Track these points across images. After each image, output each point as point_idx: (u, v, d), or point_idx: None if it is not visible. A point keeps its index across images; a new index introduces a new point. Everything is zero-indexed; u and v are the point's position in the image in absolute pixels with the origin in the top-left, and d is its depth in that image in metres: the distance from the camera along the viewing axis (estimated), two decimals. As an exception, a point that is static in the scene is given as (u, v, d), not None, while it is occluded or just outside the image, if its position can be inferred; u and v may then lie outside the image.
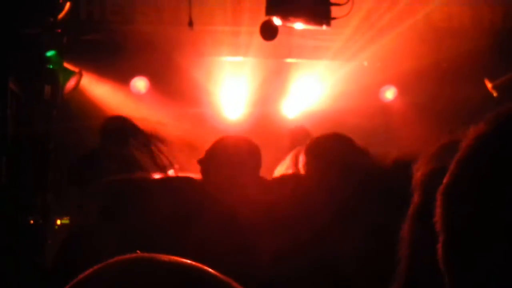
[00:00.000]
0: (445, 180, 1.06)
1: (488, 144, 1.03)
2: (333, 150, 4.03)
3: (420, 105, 10.50)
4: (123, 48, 9.73)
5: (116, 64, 9.83)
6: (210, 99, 10.64)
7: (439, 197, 1.07)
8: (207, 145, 4.24)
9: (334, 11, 6.80)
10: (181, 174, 5.56)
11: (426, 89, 10.30)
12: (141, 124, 6.58)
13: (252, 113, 10.74)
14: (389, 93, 11.05)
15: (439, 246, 1.05)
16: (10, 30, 6.91)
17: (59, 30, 7.51)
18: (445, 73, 10.01)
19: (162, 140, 6.52)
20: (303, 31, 7.95)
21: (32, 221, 7.49)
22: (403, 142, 10.20)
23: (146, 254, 1.02)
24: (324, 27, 6.73)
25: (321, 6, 6.62)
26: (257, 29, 7.02)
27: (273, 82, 10.68)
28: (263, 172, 8.20)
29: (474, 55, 9.51)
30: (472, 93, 9.80)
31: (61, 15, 7.06)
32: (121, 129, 6.38)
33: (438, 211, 1.07)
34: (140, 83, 10.54)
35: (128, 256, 1.02)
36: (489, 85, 10.40)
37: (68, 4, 7.04)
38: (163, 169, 6.86)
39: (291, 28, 7.20)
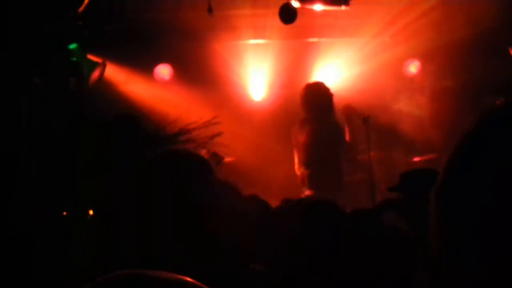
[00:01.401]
0: (438, 180, 1.09)
1: (472, 142, 1.05)
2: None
3: (445, 78, 10.46)
4: (145, 37, 9.78)
5: (138, 53, 9.89)
6: (234, 82, 10.67)
7: (432, 196, 1.10)
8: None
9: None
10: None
11: (450, 63, 10.23)
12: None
13: (277, 94, 10.76)
14: (413, 67, 11.01)
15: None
16: (31, 24, 6.97)
17: (80, 23, 7.55)
18: (469, 46, 9.94)
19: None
20: (323, 10, 7.95)
21: (65, 213, 7.58)
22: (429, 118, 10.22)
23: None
24: (343, 7, 6.73)
25: (339, -14, 6.61)
26: (276, 11, 7.02)
27: (296, 62, 10.67)
28: (286, 152, 8.25)
29: (498, 29, 9.44)
30: (498, 66, 9.74)
31: (81, 8, 7.10)
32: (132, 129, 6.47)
33: (432, 209, 1.09)
34: (163, 70, 10.61)
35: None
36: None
37: (87, -3, 7.09)
38: None
39: (311, 9, 7.20)
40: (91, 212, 8.69)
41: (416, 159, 10.05)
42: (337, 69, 10.81)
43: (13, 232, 6.61)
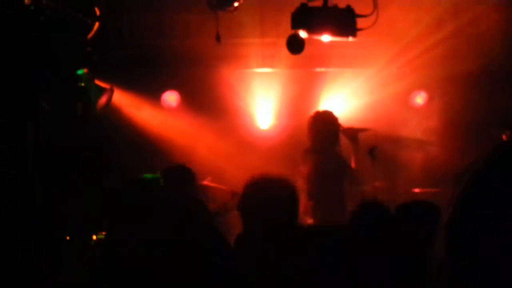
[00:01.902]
0: (448, 215, 1.10)
1: (482, 180, 1.06)
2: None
3: (451, 110, 10.46)
4: (153, 63, 9.84)
5: (146, 79, 9.94)
6: (241, 110, 10.70)
7: (444, 230, 1.11)
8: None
9: (360, 21, 6.82)
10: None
11: (456, 95, 10.25)
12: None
13: (283, 123, 10.78)
14: (419, 98, 11.01)
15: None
16: (40, 49, 7.01)
17: (89, 48, 7.60)
18: (473, 77, 9.95)
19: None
20: (331, 41, 7.98)
21: (68, 237, 7.59)
22: (435, 148, 10.22)
23: None
24: (350, 38, 6.75)
25: (347, 18, 6.64)
26: (284, 40, 7.05)
27: (303, 92, 10.70)
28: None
29: (502, 60, 9.46)
30: (503, 101, 9.75)
31: (90, 35, 7.15)
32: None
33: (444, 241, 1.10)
34: (171, 97, 10.64)
35: None
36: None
37: (97, 24, 7.13)
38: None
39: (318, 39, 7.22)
40: (94, 237, 8.70)
41: (416, 190, 10.03)
42: (344, 99, 10.83)
43: (15, 252, 6.63)
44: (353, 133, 8.59)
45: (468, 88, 9.95)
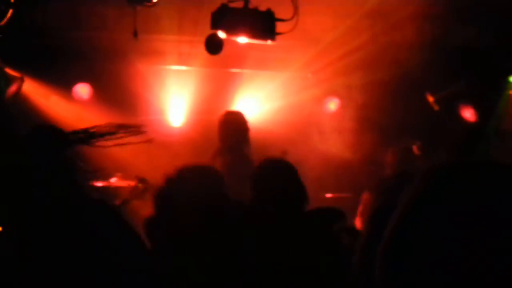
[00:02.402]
0: (382, 242, 1.09)
1: (420, 206, 1.05)
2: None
3: (364, 117, 10.59)
4: (66, 54, 9.64)
5: (59, 70, 9.74)
6: (154, 106, 10.61)
7: (378, 257, 1.09)
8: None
9: (279, 25, 6.82)
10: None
11: (370, 102, 10.39)
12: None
13: (196, 121, 10.73)
14: (332, 104, 11.12)
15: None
16: None
17: (0, 36, 7.42)
18: (387, 86, 10.10)
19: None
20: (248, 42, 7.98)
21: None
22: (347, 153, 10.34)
23: None
24: (269, 41, 6.75)
25: (266, 21, 6.63)
26: (202, 38, 7.00)
27: (218, 91, 10.68)
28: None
29: (416, 69, 9.62)
30: (414, 107, 9.95)
31: (2, 22, 6.96)
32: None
33: (377, 268, 1.09)
34: (83, 89, 10.45)
35: None
36: (431, 99, 10.57)
37: (10, 11, 6.95)
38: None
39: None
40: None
41: (329, 195, 10.14)
42: (258, 101, 10.86)
43: None
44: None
45: (382, 96, 10.10)
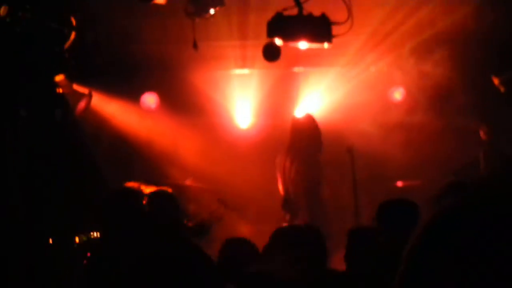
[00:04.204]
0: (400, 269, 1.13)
1: (432, 239, 1.09)
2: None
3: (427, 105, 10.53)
4: (132, 67, 9.85)
5: (125, 83, 9.93)
6: (220, 110, 10.72)
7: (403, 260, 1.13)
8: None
9: (335, 27, 6.86)
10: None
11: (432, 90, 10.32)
12: None
13: (263, 122, 10.81)
14: (398, 94, 11.04)
15: None
16: (17, 60, 7.05)
17: (67, 55, 7.64)
18: (450, 70, 10.03)
19: None
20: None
21: (51, 241, 7.64)
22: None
23: None
24: (326, 44, 6.80)
25: (322, 25, 6.68)
26: (262, 42, 7.09)
27: (281, 91, 10.75)
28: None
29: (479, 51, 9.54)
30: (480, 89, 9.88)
31: (67, 45, 7.19)
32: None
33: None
34: (150, 99, 10.63)
35: None
36: (496, 81, 10.43)
37: (73, 34, 7.17)
38: None
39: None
40: (77, 240, 8.74)
41: (399, 184, 10.13)
42: (321, 98, 10.85)
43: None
44: None
45: (446, 81, 10.04)
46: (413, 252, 1.11)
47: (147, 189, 6.85)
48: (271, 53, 6.82)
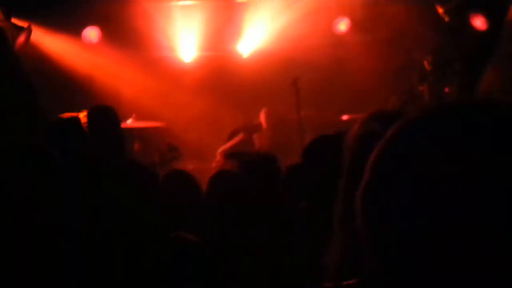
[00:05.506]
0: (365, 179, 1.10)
1: (399, 144, 1.07)
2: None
3: (372, 37, 10.50)
4: (73, 0, 9.62)
5: (66, 17, 9.70)
6: (163, 44, 10.57)
7: (359, 196, 1.10)
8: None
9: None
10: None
11: (377, 23, 10.29)
12: None
13: (206, 55, 10.69)
14: (342, 25, 10.92)
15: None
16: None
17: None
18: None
19: None
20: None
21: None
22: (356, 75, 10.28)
23: None
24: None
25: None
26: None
27: (225, 23, 10.61)
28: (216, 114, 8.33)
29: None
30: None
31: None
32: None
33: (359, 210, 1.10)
34: (91, 33, 10.40)
35: None
36: (440, 10, 10.45)
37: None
38: None
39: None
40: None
41: (345, 117, 10.10)
42: (266, 28, 10.70)
43: None
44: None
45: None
46: (377, 161, 1.09)
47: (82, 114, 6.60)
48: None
